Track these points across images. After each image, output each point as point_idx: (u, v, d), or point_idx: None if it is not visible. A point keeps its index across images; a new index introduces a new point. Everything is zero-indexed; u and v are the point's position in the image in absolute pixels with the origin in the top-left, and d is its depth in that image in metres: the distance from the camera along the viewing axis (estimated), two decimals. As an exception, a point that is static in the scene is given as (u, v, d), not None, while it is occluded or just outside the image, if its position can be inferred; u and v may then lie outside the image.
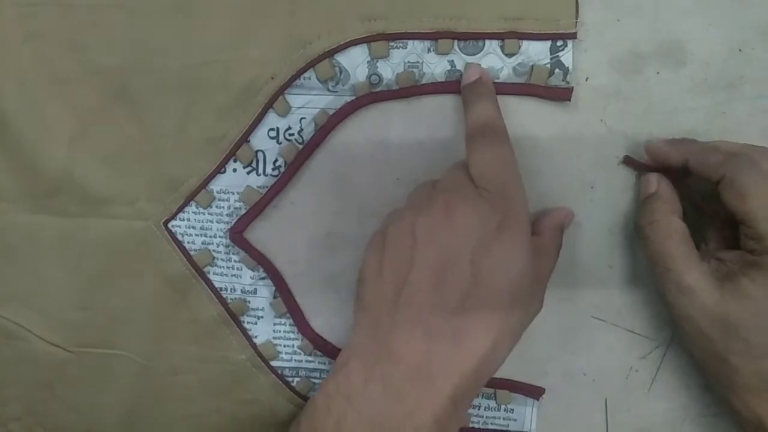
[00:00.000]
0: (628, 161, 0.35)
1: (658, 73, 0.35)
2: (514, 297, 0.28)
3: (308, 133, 0.35)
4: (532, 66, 0.34)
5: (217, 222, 0.36)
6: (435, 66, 0.35)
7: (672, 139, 0.34)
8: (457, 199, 0.29)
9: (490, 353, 0.28)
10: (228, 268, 0.37)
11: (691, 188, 0.34)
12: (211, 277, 0.37)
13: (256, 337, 0.37)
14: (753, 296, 0.30)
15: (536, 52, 0.34)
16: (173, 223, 0.36)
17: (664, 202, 0.33)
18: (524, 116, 0.35)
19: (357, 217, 0.36)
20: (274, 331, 0.37)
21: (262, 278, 0.37)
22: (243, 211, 0.36)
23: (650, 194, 0.33)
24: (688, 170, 0.32)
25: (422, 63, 0.35)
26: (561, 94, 0.34)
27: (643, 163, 0.35)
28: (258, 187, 0.36)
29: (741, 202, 0.30)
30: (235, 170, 0.36)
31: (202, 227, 0.36)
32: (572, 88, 0.34)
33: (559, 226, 0.34)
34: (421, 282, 0.28)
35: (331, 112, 0.35)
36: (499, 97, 0.34)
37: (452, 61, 0.35)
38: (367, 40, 0.34)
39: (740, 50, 0.34)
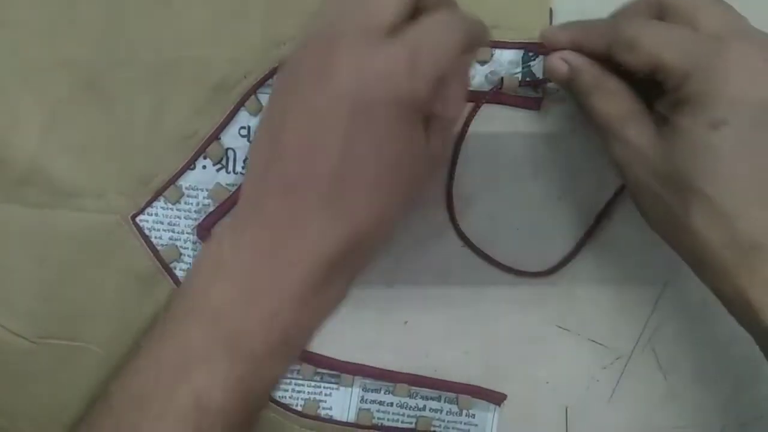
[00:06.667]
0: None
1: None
2: (401, 171, 0.26)
3: (279, 132, 0.35)
4: (502, 77, 0.34)
5: (185, 218, 0.36)
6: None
7: (561, 24, 0.32)
8: (338, 52, 0.25)
9: (373, 224, 0.26)
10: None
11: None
12: (178, 272, 0.37)
13: (221, 334, 0.37)
14: (685, 129, 0.27)
15: (508, 60, 0.34)
16: (141, 217, 0.36)
17: (587, 71, 0.30)
18: (495, 124, 0.35)
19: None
20: (239, 328, 0.37)
21: (229, 276, 0.37)
22: (211, 208, 0.36)
23: (571, 75, 0.30)
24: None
25: (395, 67, 0.35)
26: (531, 104, 0.35)
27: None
28: (227, 184, 0.36)
29: (636, 52, 0.27)
30: (204, 167, 0.36)
31: (170, 223, 0.36)
32: (542, 98, 0.34)
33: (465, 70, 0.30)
34: (291, 151, 0.26)
35: (302, 113, 0.35)
36: (469, 105, 0.34)
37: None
38: (340, 42, 0.34)
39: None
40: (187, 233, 0.36)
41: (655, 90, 0.29)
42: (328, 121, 0.25)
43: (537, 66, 0.34)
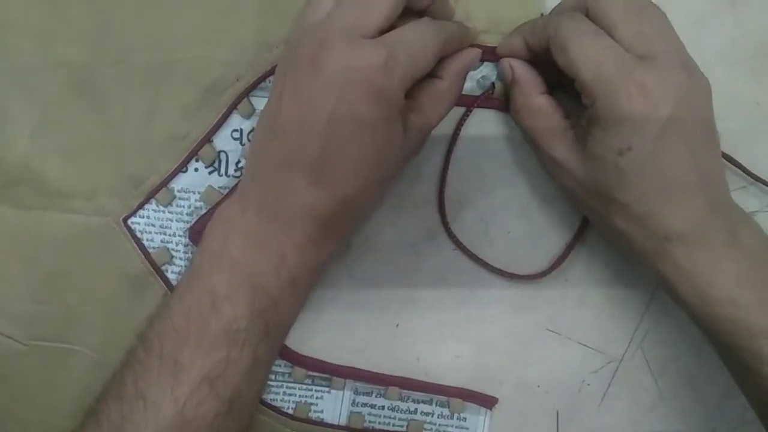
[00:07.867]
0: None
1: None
2: (380, 155, 0.30)
3: (272, 135, 0.36)
4: (494, 82, 0.35)
5: (176, 221, 0.36)
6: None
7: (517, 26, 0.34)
8: (327, 49, 0.28)
9: (354, 196, 0.30)
10: (186, 266, 0.37)
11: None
12: (169, 275, 0.37)
13: (212, 336, 0.37)
14: (598, 153, 0.30)
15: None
16: (133, 220, 0.36)
17: (521, 86, 0.33)
18: (486, 128, 0.36)
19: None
20: (230, 331, 0.37)
21: (221, 278, 0.37)
22: (203, 211, 0.36)
23: (509, 82, 0.33)
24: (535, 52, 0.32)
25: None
26: (523, 108, 0.35)
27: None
28: (219, 187, 0.36)
29: (564, 55, 0.30)
30: (196, 170, 0.36)
31: (161, 225, 0.36)
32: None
33: (463, 71, 0.33)
34: (285, 131, 0.29)
35: (294, 116, 0.35)
36: (461, 109, 0.34)
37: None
38: (333, 46, 0.34)
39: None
40: (179, 236, 0.36)
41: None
42: (316, 108, 0.28)
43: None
